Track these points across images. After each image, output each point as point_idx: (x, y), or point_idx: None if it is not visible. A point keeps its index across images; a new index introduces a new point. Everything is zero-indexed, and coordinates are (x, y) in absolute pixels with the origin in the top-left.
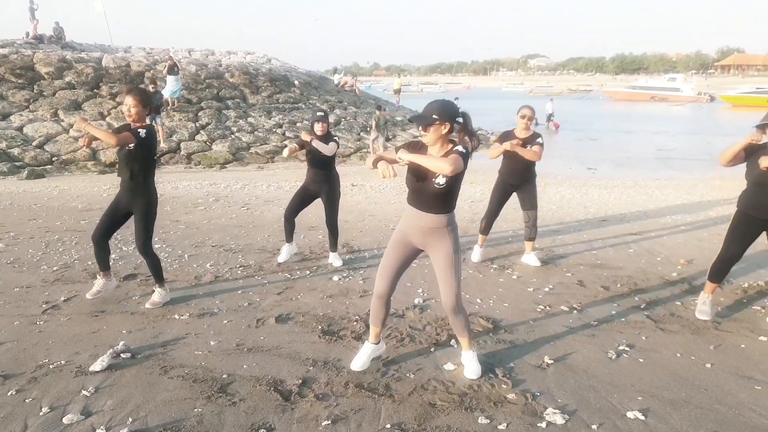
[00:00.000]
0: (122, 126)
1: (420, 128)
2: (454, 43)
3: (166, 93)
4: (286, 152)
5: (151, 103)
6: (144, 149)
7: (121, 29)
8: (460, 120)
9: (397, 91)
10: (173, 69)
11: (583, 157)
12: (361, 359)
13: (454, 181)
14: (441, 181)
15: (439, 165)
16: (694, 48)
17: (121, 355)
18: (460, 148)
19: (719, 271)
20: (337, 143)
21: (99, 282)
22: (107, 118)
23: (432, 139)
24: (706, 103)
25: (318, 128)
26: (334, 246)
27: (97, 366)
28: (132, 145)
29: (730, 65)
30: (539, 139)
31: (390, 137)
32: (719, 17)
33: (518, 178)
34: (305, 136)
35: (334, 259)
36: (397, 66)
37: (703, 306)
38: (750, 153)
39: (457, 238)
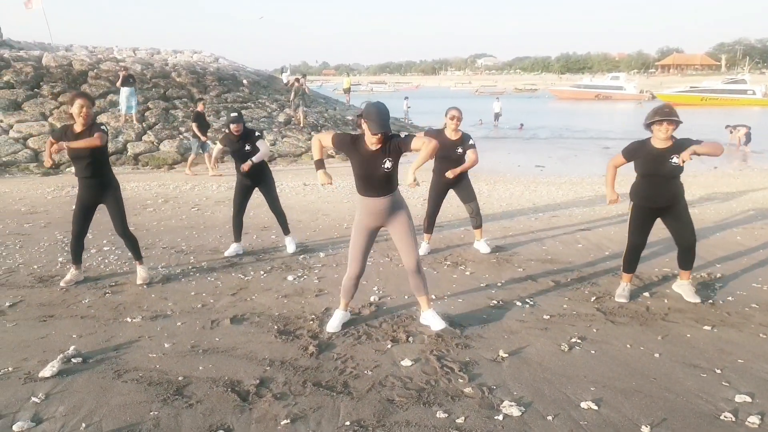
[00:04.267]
0: (66, 126)
1: (381, 134)
2: (403, 43)
3: (122, 109)
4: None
5: (94, 105)
6: (106, 145)
7: (62, 27)
8: None
9: (347, 91)
10: (128, 80)
11: (531, 155)
12: (334, 323)
13: (397, 163)
14: (388, 165)
15: (427, 146)
16: (635, 48)
17: (72, 360)
18: (404, 133)
19: (629, 262)
20: (264, 142)
21: (73, 272)
22: (49, 119)
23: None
24: (647, 101)
25: (233, 129)
26: (286, 229)
27: (47, 372)
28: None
29: (670, 65)
30: (471, 141)
31: (309, 105)
32: (659, 18)
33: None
34: (245, 167)
35: (289, 243)
36: (347, 65)
37: (622, 292)
38: (631, 155)
39: (408, 208)
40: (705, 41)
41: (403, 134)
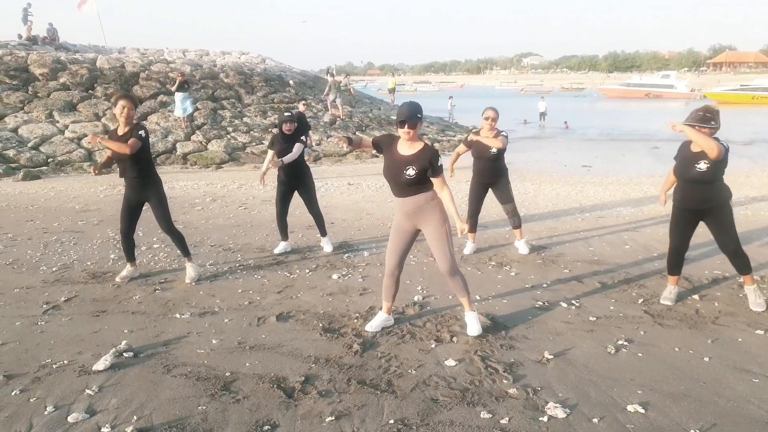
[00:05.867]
0: (112, 131)
1: (406, 127)
2: (448, 42)
3: (177, 112)
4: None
5: (137, 106)
6: (146, 147)
7: (115, 29)
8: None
9: (392, 91)
10: (183, 86)
11: (577, 155)
12: (374, 323)
13: (422, 173)
14: (411, 173)
15: (441, 193)
16: (686, 46)
17: (124, 354)
18: (440, 162)
19: (672, 264)
20: (303, 142)
21: (128, 269)
22: (102, 119)
23: (414, 135)
24: (699, 100)
25: (285, 128)
26: (323, 231)
27: (100, 365)
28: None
29: (722, 62)
30: (503, 133)
31: (353, 105)
32: (711, 15)
33: (490, 175)
34: (272, 164)
35: (326, 244)
36: (391, 65)
37: (668, 294)
38: (677, 155)
39: (443, 209)
40: (759, 38)
41: (440, 161)
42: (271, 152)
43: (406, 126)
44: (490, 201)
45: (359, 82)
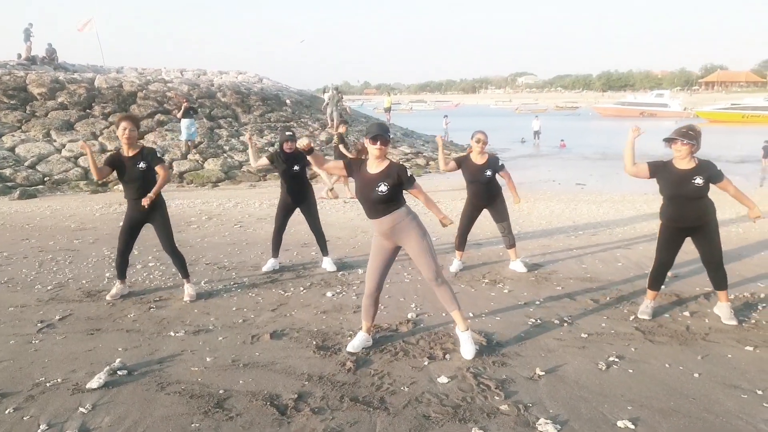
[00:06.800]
0: (114, 154)
1: (379, 143)
2: (444, 61)
3: (183, 137)
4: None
5: (140, 127)
6: (152, 168)
7: (113, 49)
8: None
9: (388, 110)
10: (189, 112)
11: (571, 173)
12: (355, 343)
13: (393, 189)
14: (383, 189)
15: (424, 201)
16: (678, 65)
17: (118, 372)
18: (410, 173)
19: (655, 279)
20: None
21: (118, 286)
22: (99, 138)
23: (384, 153)
24: (692, 119)
25: (287, 147)
26: (325, 251)
27: (93, 383)
28: (144, 165)
29: (714, 81)
30: (501, 163)
31: (341, 115)
32: (702, 35)
33: (485, 197)
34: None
35: (328, 264)
36: (387, 84)
37: (645, 309)
38: (655, 171)
39: (420, 223)
40: (750, 58)
41: (409, 172)
42: (265, 159)
43: (379, 142)
44: (484, 218)
45: (355, 101)
